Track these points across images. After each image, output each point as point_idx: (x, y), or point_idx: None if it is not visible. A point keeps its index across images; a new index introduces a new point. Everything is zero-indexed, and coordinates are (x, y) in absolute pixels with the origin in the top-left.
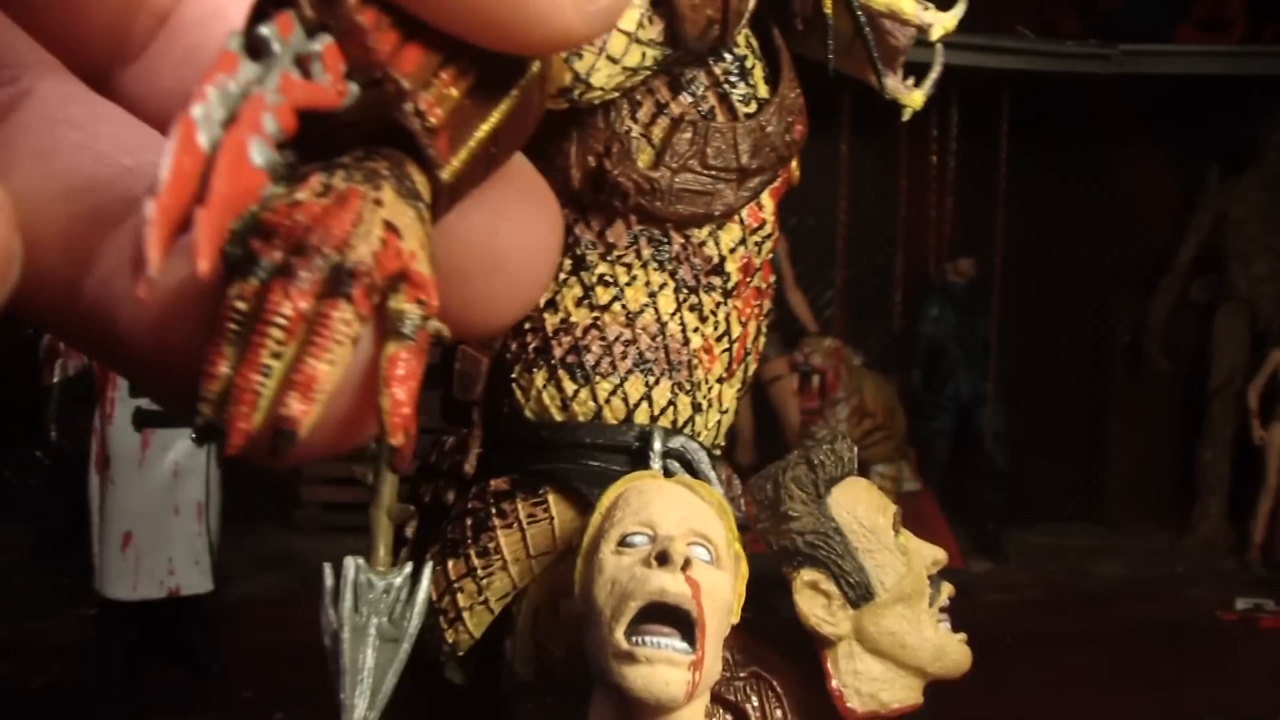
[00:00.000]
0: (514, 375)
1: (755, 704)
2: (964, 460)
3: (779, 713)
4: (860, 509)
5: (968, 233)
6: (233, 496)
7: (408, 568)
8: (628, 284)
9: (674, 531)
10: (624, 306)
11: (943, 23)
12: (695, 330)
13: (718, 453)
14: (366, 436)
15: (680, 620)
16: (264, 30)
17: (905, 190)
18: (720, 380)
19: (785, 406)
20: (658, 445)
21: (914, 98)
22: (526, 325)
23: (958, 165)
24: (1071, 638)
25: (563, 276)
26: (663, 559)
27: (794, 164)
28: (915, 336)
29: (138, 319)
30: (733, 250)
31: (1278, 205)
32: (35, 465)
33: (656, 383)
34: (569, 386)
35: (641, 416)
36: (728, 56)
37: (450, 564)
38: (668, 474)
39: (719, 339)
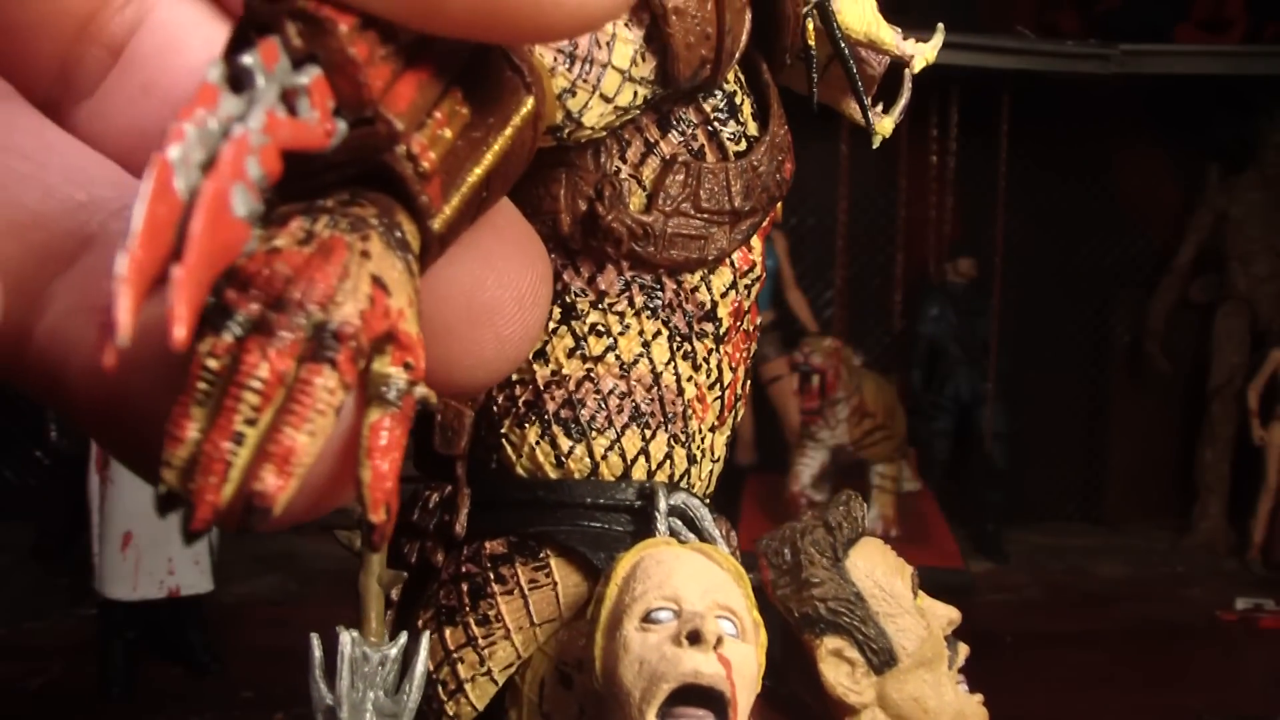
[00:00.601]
0: (504, 430)
1: None
2: (964, 460)
3: None
4: (879, 572)
5: (968, 233)
6: None
7: (403, 639)
8: (621, 333)
9: (700, 606)
10: (618, 357)
11: (923, 54)
12: (689, 379)
13: (707, 503)
14: (342, 502)
15: (712, 700)
16: (247, 60)
17: (905, 190)
18: (713, 429)
19: (785, 406)
20: (662, 505)
21: (884, 125)
22: (515, 377)
23: (958, 165)
24: (1071, 638)
25: (553, 326)
26: (694, 638)
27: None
28: (915, 336)
29: (92, 371)
30: (724, 295)
31: (1278, 205)
32: (35, 465)
33: (653, 436)
34: (564, 443)
35: (639, 472)
36: (717, 93)
37: (448, 633)
38: (671, 534)
39: (711, 387)
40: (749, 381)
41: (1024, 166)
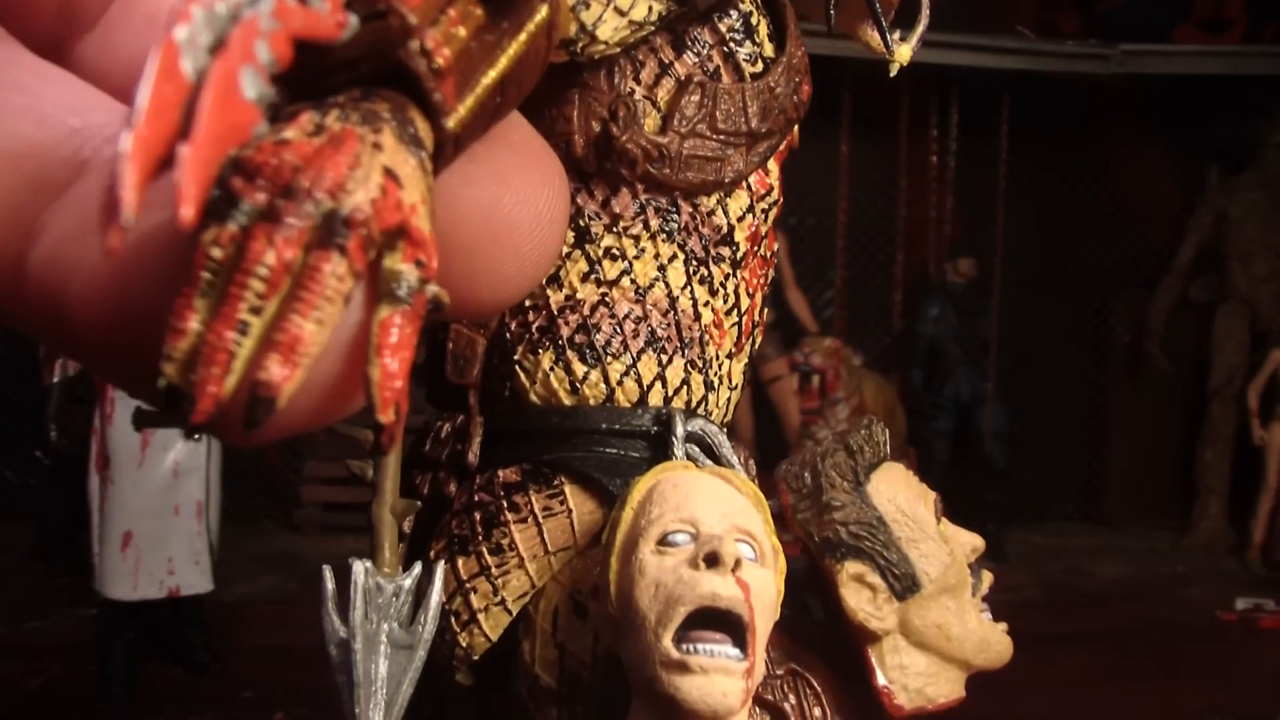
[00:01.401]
0: (517, 357)
1: (793, 702)
2: (964, 460)
3: (817, 711)
4: (901, 497)
5: (968, 233)
6: (233, 496)
7: (417, 569)
8: (636, 257)
9: (718, 529)
10: (633, 281)
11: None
12: (706, 304)
13: (726, 431)
14: (351, 409)
15: (730, 624)
16: None
17: (905, 190)
18: (730, 356)
19: (785, 406)
20: (680, 430)
21: (903, 52)
22: (528, 303)
23: (958, 165)
24: (1071, 638)
25: (566, 250)
26: (712, 560)
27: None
28: (915, 336)
29: (92, 288)
30: (741, 219)
31: (1278, 205)
32: (35, 465)
33: (670, 361)
34: (578, 368)
35: (656, 398)
36: (733, 13)
37: (461, 563)
38: (690, 460)
39: (729, 312)
40: (765, 308)
41: (1024, 166)
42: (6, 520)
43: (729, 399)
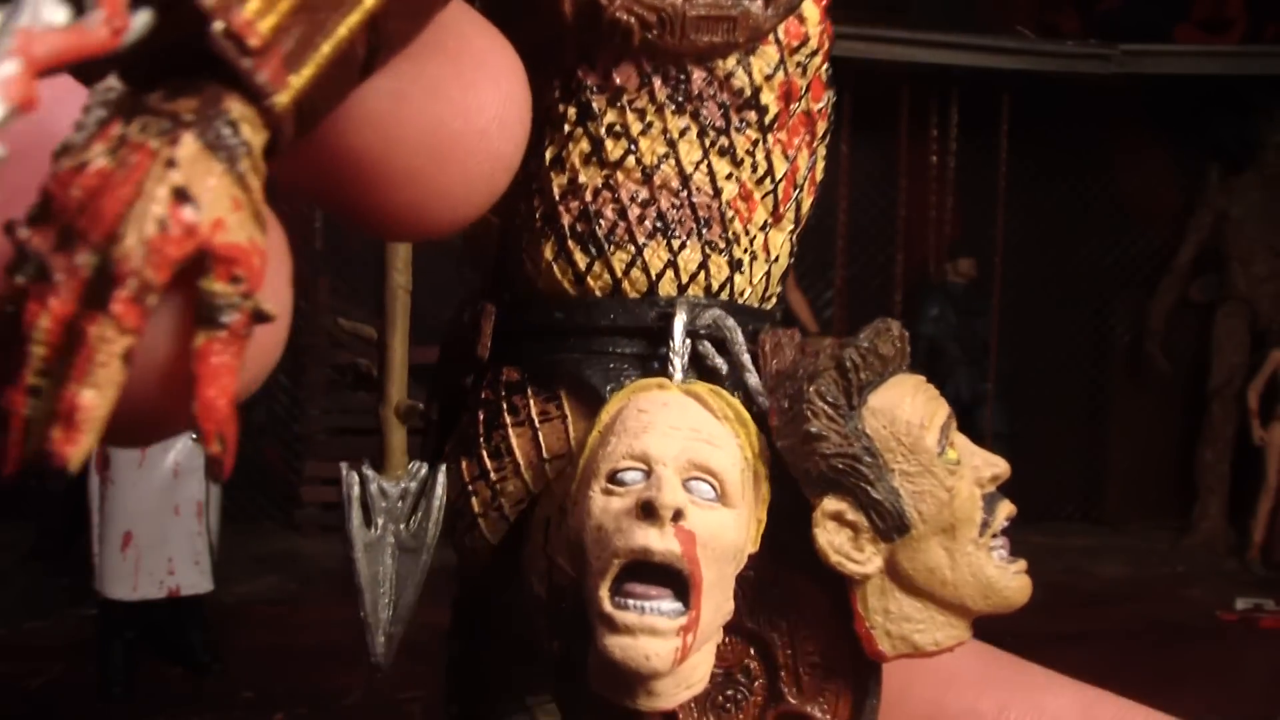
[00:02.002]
0: (524, 245)
1: (784, 629)
2: None
3: (810, 645)
4: (900, 424)
5: (968, 233)
6: (233, 496)
7: (422, 470)
8: (641, 133)
9: (669, 468)
10: (639, 161)
11: None
12: (728, 177)
13: (772, 304)
14: (184, 429)
15: (673, 574)
16: None
17: (905, 190)
18: (765, 227)
19: None
20: (679, 325)
21: None
22: (534, 185)
23: (958, 165)
24: (1071, 638)
25: (568, 129)
26: (648, 511)
27: None
28: (915, 336)
29: None
30: (769, 77)
31: (1278, 205)
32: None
33: (683, 246)
34: (580, 260)
35: (668, 287)
36: None
37: (464, 464)
38: (697, 359)
39: (760, 182)
40: (818, 165)
41: (1024, 166)
42: (6, 520)
43: (767, 273)
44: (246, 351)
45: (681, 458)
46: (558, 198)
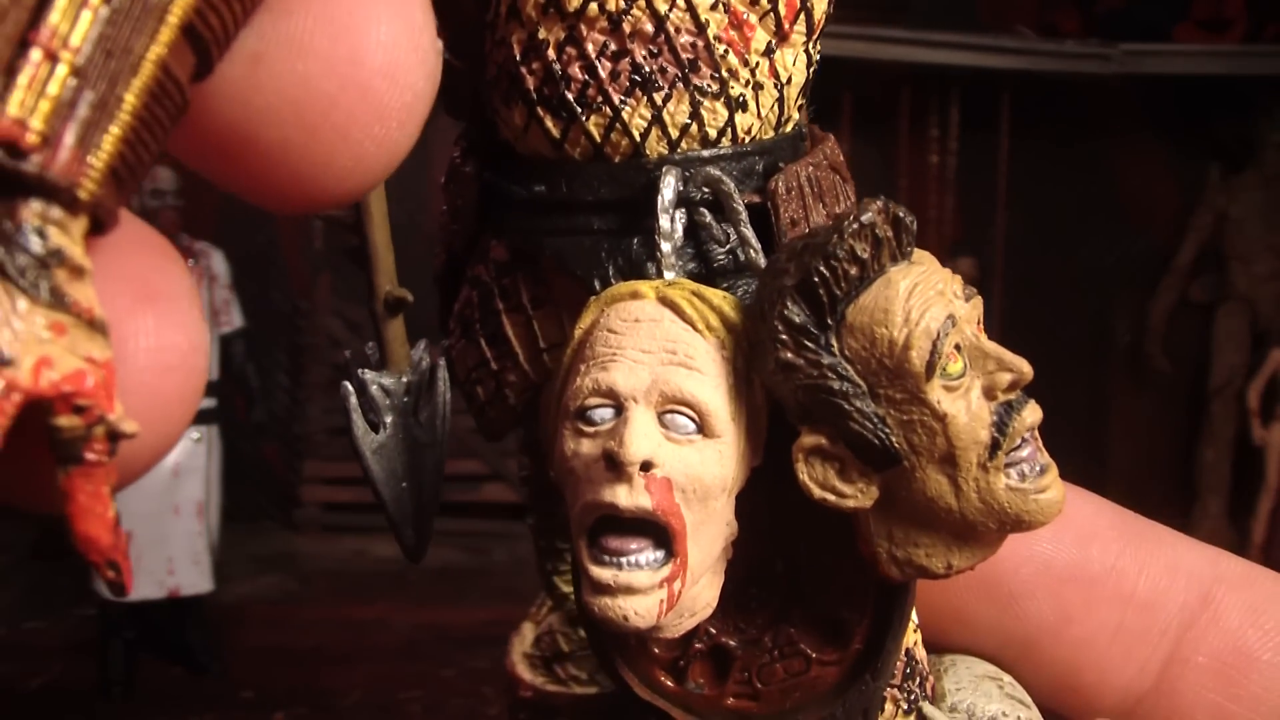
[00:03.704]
0: (495, 104)
1: (805, 531)
2: None
3: (832, 548)
4: (882, 343)
5: (968, 233)
6: (233, 496)
7: (424, 361)
8: None
9: (639, 405)
10: (602, 7)
11: None
12: (714, 7)
13: (790, 126)
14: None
15: (653, 523)
16: None
17: (905, 190)
18: (769, 50)
19: None
20: (668, 194)
21: None
22: (497, 35)
23: (958, 165)
24: None
25: None
26: (611, 463)
27: None
28: None
29: None
30: None
31: (1278, 205)
32: None
33: (667, 98)
34: (553, 126)
35: (656, 145)
36: None
37: (465, 347)
38: (693, 229)
39: (754, 2)
40: None
41: (1024, 166)
42: (6, 520)
43: (779, 98)
44: (152, 409)
45: (653, 391)
46: (518, 58)
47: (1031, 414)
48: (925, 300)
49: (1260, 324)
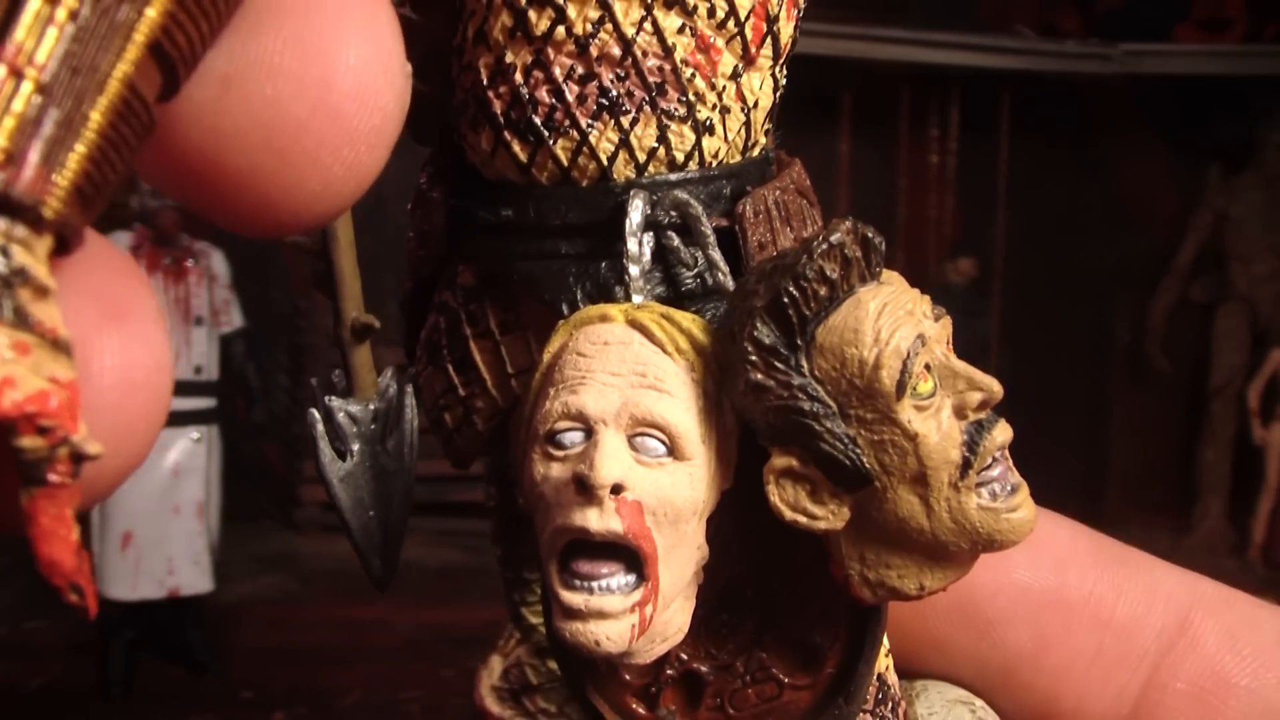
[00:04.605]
0: (462, 129)
1: (775, 554)
2: None
3: (804, 573)
4: (852, 364)
5: (968, 233)
6: (233, 496)
7: (391, 389)
8: None
9: (608, 429)
10: (569, 31)
11: None
12: (680, 30)
13: (757, 150)
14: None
15: (622, 548)
16: None
17: (905, 190)
18: (736, 74)
19: None
20: (633, 223)
21: None
22: (464, 59)
23: (958, 165)
24: None
25: (486, 1)
26: (581, 486)
27: None
28: None
29: None
30: None
31: (1278, 205)
32: None
33: (634, 122)
34: (520, 151)
35: (623, 169)
36: None
37: (432, 374)
38: (661, 253)
39: (720, 26)
40: None
41: (1024, 166)
42: None
43: (746, 122)
44: (116, 435)
45: (624, 414)
46: (486, 82)
47: (1002, 433)
48: (895, 320)
49: (1260, 324)
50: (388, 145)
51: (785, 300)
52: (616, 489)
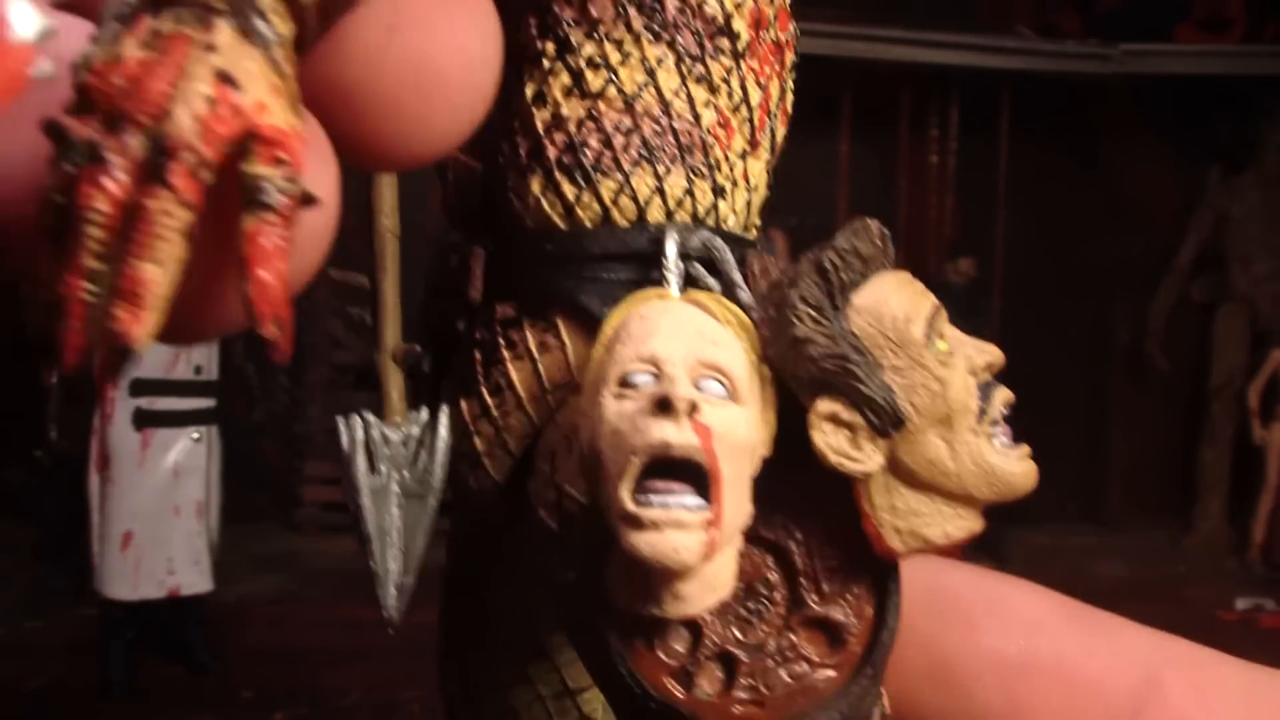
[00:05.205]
0: (510, 184)
1: (799, 535)
2: None
3: (827, 549)
4: (886, 319)
5: (968, 233)
6: (233, 496)
7: (425, 414)
8: (621, 63)
9: (679, 368)
10: (620, 90)
11: None
12: (706, 104)
13: (752, 234)
14: (237, 324)
15: (693, 472)
16: None
17: (905, 190)
18: (744, 155)
19: None
20: (672, 248)
21: None
22: (516, 124)
23: (958, 165)
24: None
25: (547, 64)
26: (664, 406)
27: None
28: None
29: None
30: (739, 5)
31: (1278, 205)
32: (35, 465)
33: (668, 172)
34: (569, 191)
35: (656, 213)
36: None
37: (464, 403)
38: (690, 280)
39: (735, 109)
40: (787, 95)
41: (1024, 166)
42: (6, 520)
43: (748, 202)
44: (296, 237)
45: (690, 357)
46: (542, 132)
47: (1005, 394)
48: (916, 291)
49: (1260, 324)
50: (489, 104)
51: (828, 266)
52: (693, 408)
